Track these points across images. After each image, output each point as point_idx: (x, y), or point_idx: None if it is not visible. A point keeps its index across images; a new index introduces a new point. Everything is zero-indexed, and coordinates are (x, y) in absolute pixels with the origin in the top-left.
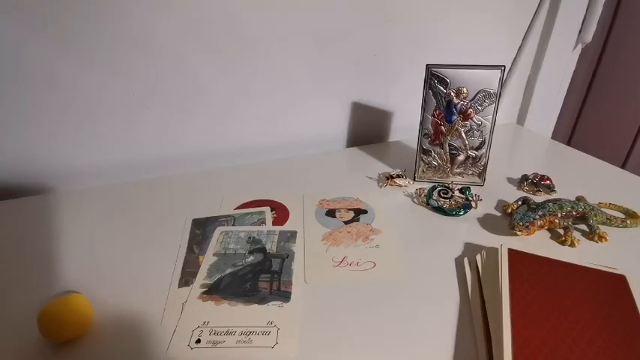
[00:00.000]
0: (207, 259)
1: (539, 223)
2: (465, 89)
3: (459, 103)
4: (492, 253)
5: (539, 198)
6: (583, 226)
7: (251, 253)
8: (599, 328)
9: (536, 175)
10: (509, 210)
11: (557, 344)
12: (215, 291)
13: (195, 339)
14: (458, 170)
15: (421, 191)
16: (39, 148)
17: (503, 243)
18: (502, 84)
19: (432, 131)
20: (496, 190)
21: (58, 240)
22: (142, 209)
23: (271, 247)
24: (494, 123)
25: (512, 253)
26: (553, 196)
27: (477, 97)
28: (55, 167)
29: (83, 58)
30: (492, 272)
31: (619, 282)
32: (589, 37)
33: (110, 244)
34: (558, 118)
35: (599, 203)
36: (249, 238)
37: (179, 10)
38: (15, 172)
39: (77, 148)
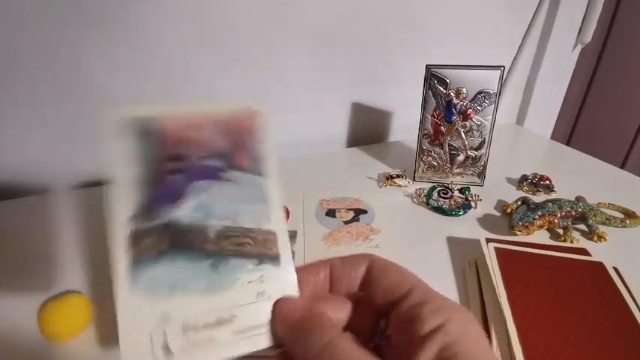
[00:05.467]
0: None
1: (538, 223)
2: (464, 89)
3: (458, 103)
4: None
5: (539, 198)
6: (582, 226)
7: None
8: (594, 318)
9: (535, 175)
10: (509, 210)
11: (561, 342)
12: None
13: None
14: (457, 170)
15: (421, 191)
16: (39, 148)
17: (489, 242)
18: (502, 84)
19: (432, 131)
20: (496, 190)
21: (58, 240)
22: None
23: None
24: (493, 123)
25: (499, 251)
26: (552, 196)
27: (477, 97)
28: (55, 167)
29: (84, 58)
30: (488, 272)
31: (599, 270)
32: (588, 37)
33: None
34: (558, 118)
35: (599, 203)
36: None
37: (179, 9)
38: (15, 172)
39: (77, 147)
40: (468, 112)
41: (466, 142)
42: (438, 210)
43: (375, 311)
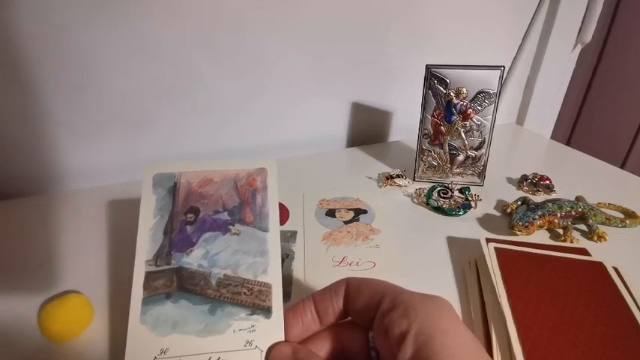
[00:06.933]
0: None
1: (538, 223)
2: (464, 89)
3: (458, 103)
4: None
5: (539, 198)
6: (582, 226)
7: None
8: (594, 318)
9: (535, 175)
10: (509, 210)
11: (561, 342)
12: None
13: None
14: (457, 170)
15: (421, 191)
16: (39, 148)
17: (489, 242)
18: (502, 84)
19: (432, 131)
20: (496, 190)
21: (58, 240)
22: None
23: None
24: (493, 123)
25: (499, 251)
26: (552, 196)
27: (477, 97)
28: (54, 167)
29: (85, 59)
30: (488, 272)
31: (599, 270)
32: (588, 37)
33: (110, 244)
34: (558, 118)
35: (599, 203)
36: None
37: (181, 11)
38: (15, 172)
39: (78, 148)
40: (468, 112)
41: (466, 142)
42: (438, 210)
43: (364, 328)
